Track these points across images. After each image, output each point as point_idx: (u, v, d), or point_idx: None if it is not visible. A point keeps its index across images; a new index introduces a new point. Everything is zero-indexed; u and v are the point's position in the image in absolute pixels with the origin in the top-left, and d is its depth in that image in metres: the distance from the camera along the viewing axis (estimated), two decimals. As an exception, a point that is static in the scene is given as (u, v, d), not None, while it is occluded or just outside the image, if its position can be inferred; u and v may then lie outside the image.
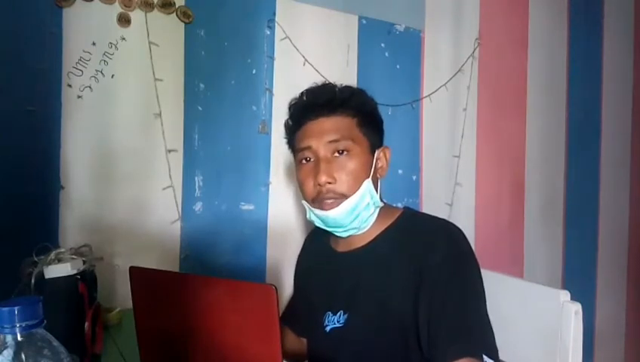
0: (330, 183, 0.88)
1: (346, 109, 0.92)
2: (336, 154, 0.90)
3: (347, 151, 0.90)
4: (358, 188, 0.89)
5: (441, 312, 0.81)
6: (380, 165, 0.96)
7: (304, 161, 0.93)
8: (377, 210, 0.94)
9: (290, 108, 0.99)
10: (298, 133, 0.95)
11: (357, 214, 0.90)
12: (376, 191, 0.95)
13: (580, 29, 2.23)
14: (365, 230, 0.94)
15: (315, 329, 0.98)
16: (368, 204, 0.91)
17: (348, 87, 0.96)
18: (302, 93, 0.98)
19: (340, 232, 0.95)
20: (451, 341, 0.80)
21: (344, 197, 0.89)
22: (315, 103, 0.93)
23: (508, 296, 1.05)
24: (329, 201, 0.90)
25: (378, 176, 0.96)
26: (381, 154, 0.96)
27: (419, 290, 0.84)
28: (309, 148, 0.91)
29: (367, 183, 0.91)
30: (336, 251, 1.01)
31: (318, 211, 0.92)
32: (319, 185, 0.89)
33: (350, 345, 0.91)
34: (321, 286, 1.01)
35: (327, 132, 0.90)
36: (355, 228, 0.93)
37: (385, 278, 0.89)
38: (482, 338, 0.81)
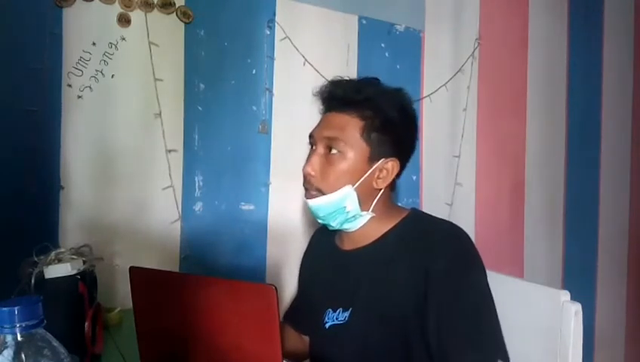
0: (312, 175, 0.90)
1: (356, 111, 0.90)
2: (332, 151, 0.90)
3: (339, 151, 0.90)
4: (336, 190, 0.89)
5: (452, 320, 0.81)
6: (381, 175, 0.92)
7: (311, 148, 0.95)
8: (362, 218, 0.93)
9: (316, 95, 0.99)
10: None
11: (331, 213, 0.91)
12: (372, 201, 0.92)
13: (580, 29, 2.22)
14: (358, 229, 0.94)
15: (315, 326, 0.99)
16: (344, 209, 0.90)
17: (371, 88, 0.94)
18: (327, 83, 0.98)
19: (326, 224, 0.95)
20: (464, 350, 0.79)
21: (320, 192, 0.90)
22: (331, 96, 0.94)
23: (508, 296, 1.04)
24: (310, 191, 0.92)
25: (375, 185, 0.93)
26: (387, 164, 0.92)
27: (425, 293, 0.83)
28: (312, 136, 0.94)
29: (347, 189, 0.89)
30: (341, 249, 1.00)
31: (304, 197, 0.95)
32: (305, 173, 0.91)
33: (349, 342, 0.91)
34: (323, 283, 1.01)
35: (329, 127, 0.91)
36: (335, 225, 0.93)
37: (387, 277, 0.89)
38: (495, 346, 0.81)
